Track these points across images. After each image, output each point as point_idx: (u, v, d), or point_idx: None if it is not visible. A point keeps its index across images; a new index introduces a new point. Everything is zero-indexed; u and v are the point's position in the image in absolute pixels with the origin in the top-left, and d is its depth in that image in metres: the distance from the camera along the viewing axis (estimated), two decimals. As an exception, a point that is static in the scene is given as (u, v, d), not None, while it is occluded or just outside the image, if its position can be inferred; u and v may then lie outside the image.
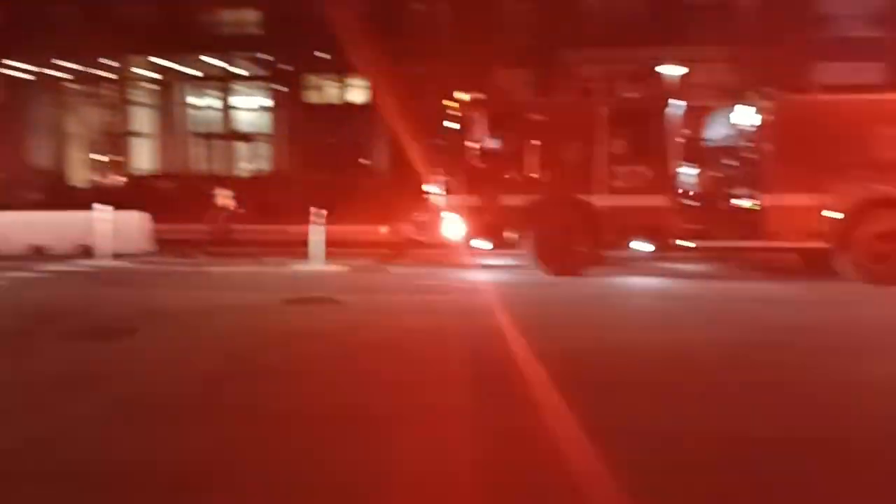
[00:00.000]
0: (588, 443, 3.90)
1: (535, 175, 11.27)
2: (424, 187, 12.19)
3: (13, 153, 28.99)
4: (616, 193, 11.04)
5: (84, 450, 3.90)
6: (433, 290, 9.78)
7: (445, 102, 11.87)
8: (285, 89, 28.29)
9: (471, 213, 11.28)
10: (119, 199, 16.93)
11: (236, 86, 29.72)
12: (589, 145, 11.20)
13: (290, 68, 27.64)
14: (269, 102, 29.33)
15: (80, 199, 21.49)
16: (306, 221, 12.43)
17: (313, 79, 28.46)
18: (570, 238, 10.93)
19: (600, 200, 11.03)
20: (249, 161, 29.77)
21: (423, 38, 20.20)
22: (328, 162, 26.51)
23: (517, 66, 18.31)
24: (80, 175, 29.54)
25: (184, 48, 27.06)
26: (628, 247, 11.20)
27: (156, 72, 28.96)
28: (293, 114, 28.16)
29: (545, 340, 6.36)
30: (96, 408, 4.59)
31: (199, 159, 29.87)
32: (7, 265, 11.42)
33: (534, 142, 11.37)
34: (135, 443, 4.00)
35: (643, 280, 11.25)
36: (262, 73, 28.77)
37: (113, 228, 12.97)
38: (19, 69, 28.85)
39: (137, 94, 30.07)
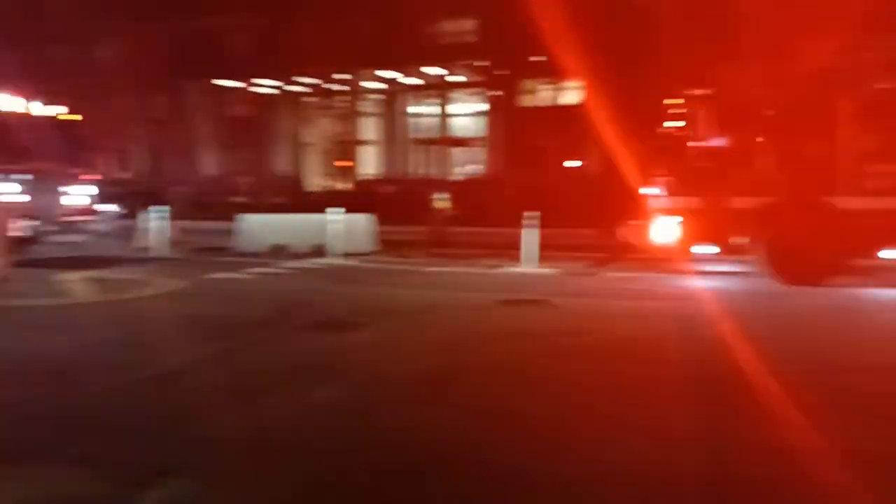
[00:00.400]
0: (835, 464, 3.51)
1: (769, 175, 10.41)
2: (641, 189, 11.75)
3: (260, 162, 32.52)
4: (865, 195, 9.87)
5: (317, 436, 4.19)
6: (649, 297, 9.38)
7: (667, 100, 11.35)
8: (500, 94, 28.87)
9: (693, 216, 10.66)
10: (348, 202, 18.27)
11: (454, 93, 30.87)
12: (833, 142, 10.13)
13: (505, 73, 28.16)
14: (485, 107, 30.08)
15: (314, 203, 23.52)
16: (519, 224, 12.52)
17: (528, 83, 28.74)
18: (809, 244, 9.95)
19: (846, 203, 9.91)
20: (465, 165, 30.78)
21: (641, 34, 19.53)
22: (541, 165, 26.61)
23: (746, 59, 17.09)
24: (314, 180, 32.35)
25: (407, 60, 28.60)
26: (877, 255, 9.96)
27: (381, 83, 30.92)
28: (507, 118, 28.64)
29: (776, 354, 5.81)
30: (331, 396, 4.92)
31: (418, 164, 31.43)
32: (254, 262, 12.74)
33: (768, 139, 10.51)
34: (364, 432, 4.23)
35: (894, 292, 9.94)
36: (478, 79, 29.61)
37: (343, 229, 13.97)
38: (266, 86, 32.25)
39: (365, 105, 32.33)
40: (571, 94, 28.15)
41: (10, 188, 10.97)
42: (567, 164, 27.25)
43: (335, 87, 31.10)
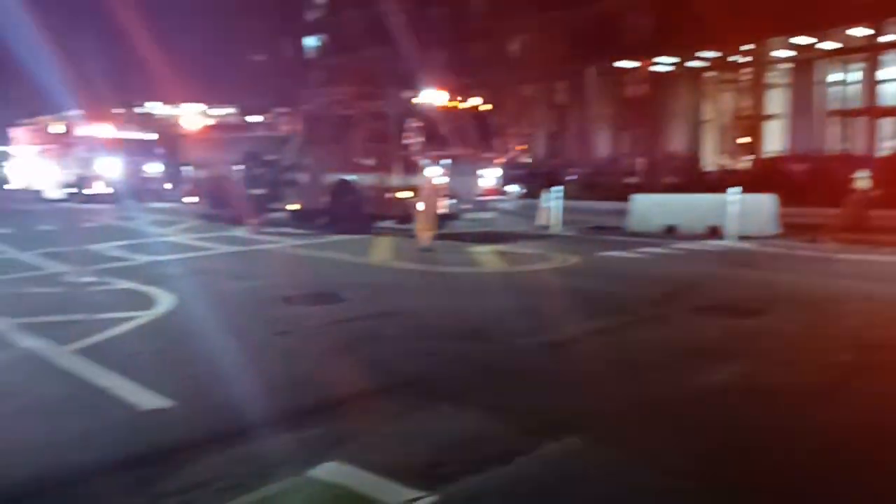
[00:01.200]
0: None
1: None
2: None
3: (653, 141, 32.30)
4: None
5: (706, 415, 4.11)
6: None
7: None
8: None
9: None
10: (746, 181, 17.16)
11: (885, 55, 26.63)
12: None
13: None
14: (925, 70, 25.42)
15: (709, 182, 22.62)
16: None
17: None
18: None
19: None
20: (894, 138, 26.44)
21: None
22: None
23: None
24: (710, 159, 31.02)
25: (827, 22, 25.53)
26: None
27: (793, 51, 28.16)
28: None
29: None
30: (723, 379, 4.77)
31: (834, 139, 27.98)
32: (644, 241, 12.79)
33: None
34: (757, 418, 4.02)
35: None
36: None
37: (741, 210, 13.20)
38: (665, 64, 31.81)
39: (772, 76, 29.81)
40: None
41: (437, 171, 12.73)
42: None
43: (740, 59, 29.23)
